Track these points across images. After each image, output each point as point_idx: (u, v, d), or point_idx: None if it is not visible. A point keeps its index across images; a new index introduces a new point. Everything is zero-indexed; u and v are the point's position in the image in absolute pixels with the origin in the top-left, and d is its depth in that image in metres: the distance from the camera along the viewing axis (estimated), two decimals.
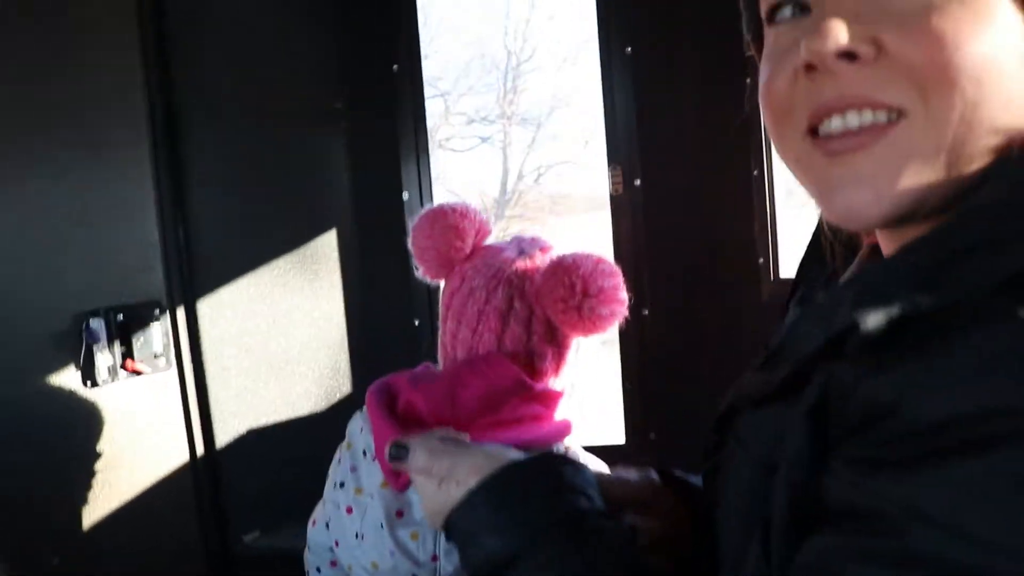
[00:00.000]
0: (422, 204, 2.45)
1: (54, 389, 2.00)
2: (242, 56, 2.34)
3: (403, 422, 1.19)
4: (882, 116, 0.62)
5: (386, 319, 2.46)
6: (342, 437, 1.35)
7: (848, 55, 0.62)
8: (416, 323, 2.47)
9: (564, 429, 1.27)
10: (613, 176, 2.34)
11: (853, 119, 0.63)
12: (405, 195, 2.43)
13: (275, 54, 2.36)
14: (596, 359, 4.23)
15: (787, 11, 0.69)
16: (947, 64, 0.58)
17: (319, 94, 2.41)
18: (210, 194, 2.31)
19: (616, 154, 2.35)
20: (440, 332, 1.35)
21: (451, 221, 1.33)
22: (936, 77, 0.59)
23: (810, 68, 0.64)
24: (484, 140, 15.18)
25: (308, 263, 2.40)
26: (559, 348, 1.30)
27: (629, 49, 2.30)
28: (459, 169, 14.84)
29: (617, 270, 1.25)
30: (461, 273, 1.33)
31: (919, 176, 0.61)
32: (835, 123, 0.64)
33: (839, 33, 0.61)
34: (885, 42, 0.61)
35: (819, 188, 0.69)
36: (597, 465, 1.25)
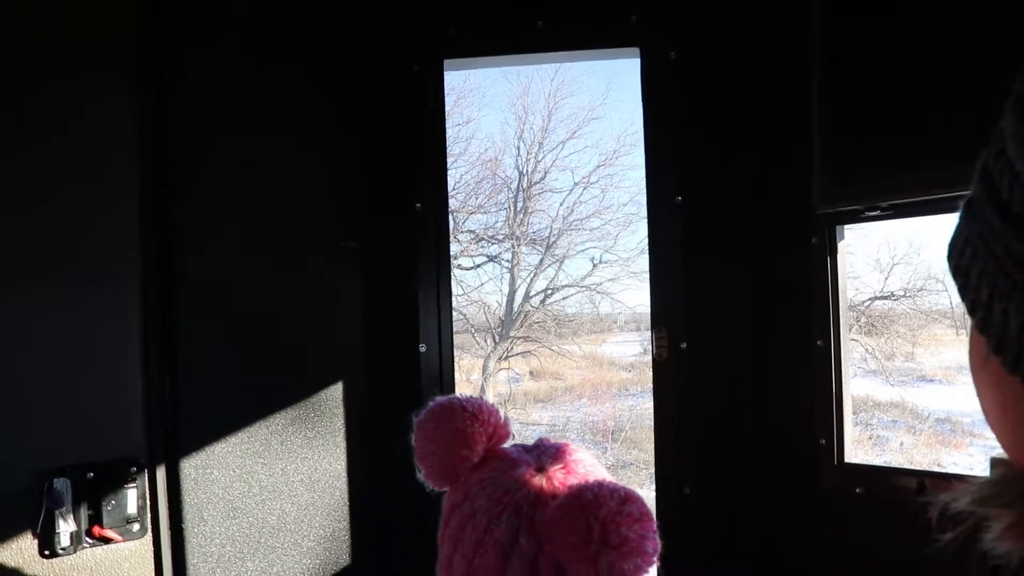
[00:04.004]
0: (441, 359, 2.23)
1: (4, 559, 1.77)
2: (247, 189, 2.16)
3: None
4: None
5: (396, 483, 2.20)
6: None
7: None
8: (430, 488, 2.21)
9: None
10: (658, 338, 2.12)
11: None
12: (423, 347, 2.21)
13: (286, 188, 2.19)
14: None
15: None
16: None
17: (332, 232, 2.22)
18: (203, 337, 2.09)
19: (662, 314, 2.12)
20: (439, 551, 1.14)
21: (459, 424, 1.14)
22: None
23: None
24: (491, 259, 15.31)
25: (310, 418, 2.16)
26: None
27: (679, 198, 2.11)
28: (465, 287, 14.93)
29: (647, 512, 1.03)
30: (466, 486, 1.13)
31: None
32: None
33: None
34: None
35: None
36: None
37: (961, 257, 0.60)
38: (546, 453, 1.15)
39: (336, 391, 2.18)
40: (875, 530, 1.86)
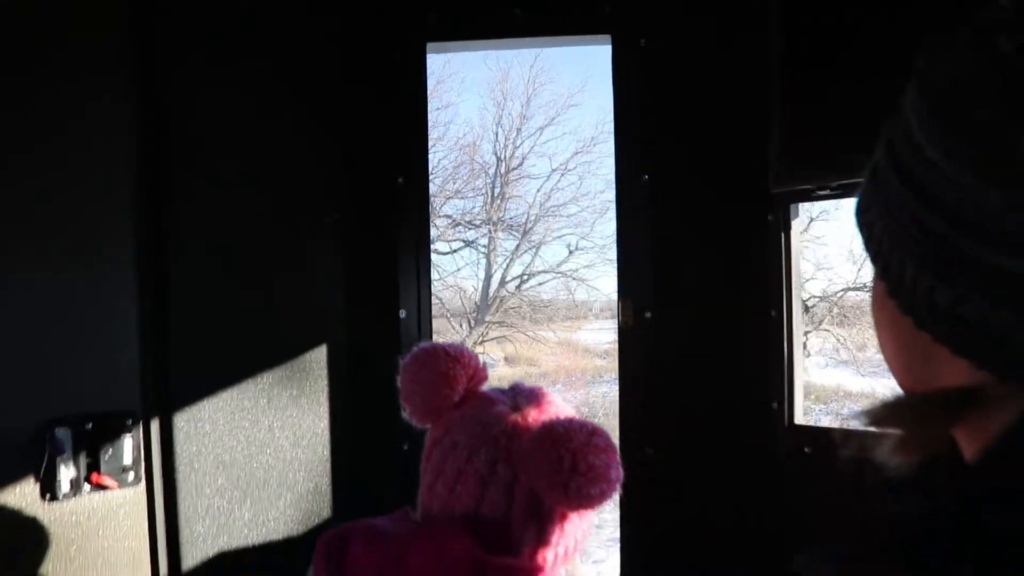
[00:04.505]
0: (419, 324, 2.36)
1: (8, 501, 1.86)
2: (238, 162, 2.27)
3: None
4: None
5: (374, 441, 2.33)
6: None
7: None
8: (405, 447, 2.34)
9: None
10: (623, 308, 2.26)
11: None
12: (402, 313, 2.34)
13: (273, 163, 2.30)
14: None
15: None
16: None
17: (317, 205, 2.33)
18: (196, 300, 2.20)
19: (628, 285, 2.26)
20: (421, 480, 1.26)
21: (442, 366, 1.25)
22: None
23: None
24: (468, 244, 15.35)
25: (295, 378, 2.29)
26: (543, 520, 1.19)
27: (646, 177, 2.25)
28: (441, 272, 14.95)
29: (612, 445, 1.16)
30: (447, 422, 1.25)
31: None
32: None
33: None
34: None
35: None
36: None
37: (867, 215, 0.71)
38: (521, 394, 1.28)
39: (320, 353, 2.31)
40: (821, 486, 2.01)
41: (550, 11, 2.37)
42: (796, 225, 2.20)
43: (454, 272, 15.30)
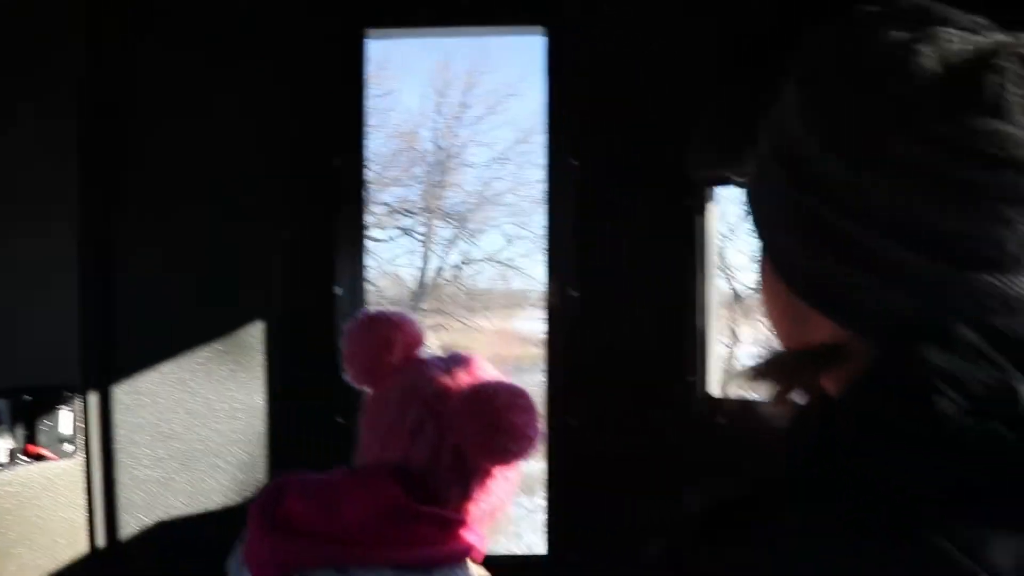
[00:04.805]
0: (354, 300, 2.42)
1: None
2: (182, 138, 2.32)
3: (282, 530, 1.16)
4: None
5: (310, 415, 2.39)
6: None
7: None
8: (341, 420, 2.41)
9: (462, 552, 1.23)
10: (551, 286, 2.36)
11: None
12: (338, 290, 2.40)
13: (216, 140, 2.34)
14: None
15: None
16: None
17: (255, 185, 2.38)
18: (137, 274, 2.25)
19: (555, 264, 2.37)
20: (359, 440, 1.33)
21: (384, 331, 1.33)
22: None
23: None
24: (406, 231, 15.29)
25: (234, 353, 2.34)
26: (467, 474, 1.28)
27: (575, 161, 2.34)
28: (378, 259, 14.88)
29: (533, 405, 1.26)
30: (384, 383, 1.33)
31: None
32: None
33: None
34: None
35: None
36: None
37: (752, 194, 0.80)
38: (454, 360, 1.36)
39: (258, 328, 2.36)
40: (730, 451, 2.13)
41: (488, 1, 2.44)
42: (714, 210, 2.33)
43: (391, 260, 15.24)
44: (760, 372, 0.80)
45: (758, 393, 0.78)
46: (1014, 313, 0.62)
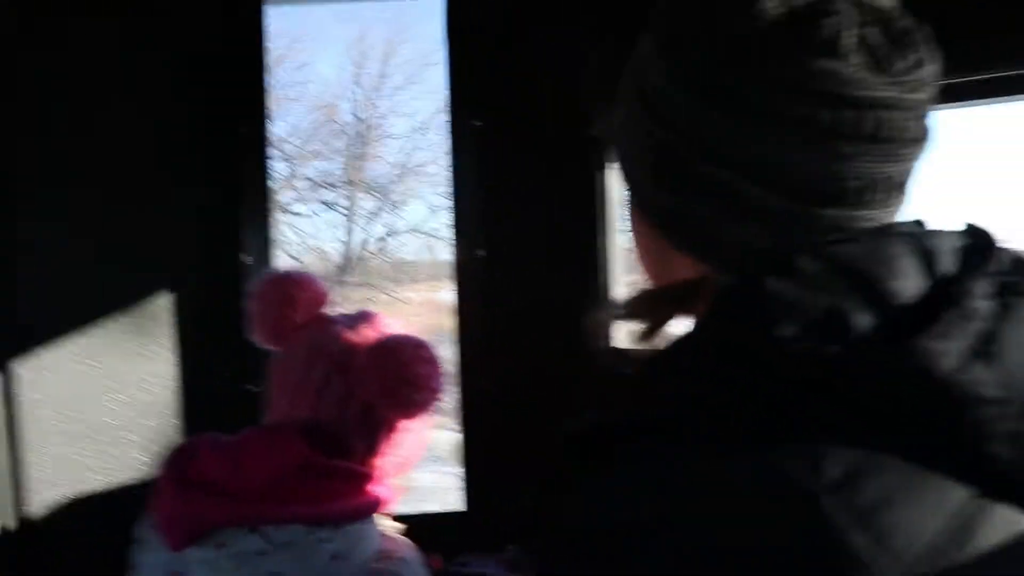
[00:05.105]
0: (263, 269, 2.42)
1: None
2: (81, 109, 2.27)
3: (193, 487, 1.18)
4: None
5: (220, 384, 2.39)
6: None
7: None
8: (251, 388, 2.41)
9: (372, 505, 1.27)
10: (457, 246, 2.39)
11: None
12: (247, 259, 2.39)
13: (116, 110, 2.30)
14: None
15: None
16: None
17: (161, 153, 2.35)
18: (37, 247, 2.20)
19: (461, 224, 2.39)
20: (268, 396, 1.36)
21: (287, 290, 1.36)
22: None
23: None
24: (329, 206, 15.13)
25: (141, 324, 2.31)
26: (375, 428, 1.31)
27: (478, 122, 2.36)
28: (301, 233, 14.70)
29: (436, 357, 1.29)
30: (290, 342, 1.35)
31: None
32: None
33: None
34: None
35: None
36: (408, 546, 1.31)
37: (619, 139, 0.83)
38: (359, 317, 1.39)
39: (166, 299, 2.33)
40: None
41: None
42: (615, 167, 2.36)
43: (315, 234, 15.09)
44: (628, 310, 0.85)
45: (629, 330, 0.83)
46: (854, 244, 0.66)
